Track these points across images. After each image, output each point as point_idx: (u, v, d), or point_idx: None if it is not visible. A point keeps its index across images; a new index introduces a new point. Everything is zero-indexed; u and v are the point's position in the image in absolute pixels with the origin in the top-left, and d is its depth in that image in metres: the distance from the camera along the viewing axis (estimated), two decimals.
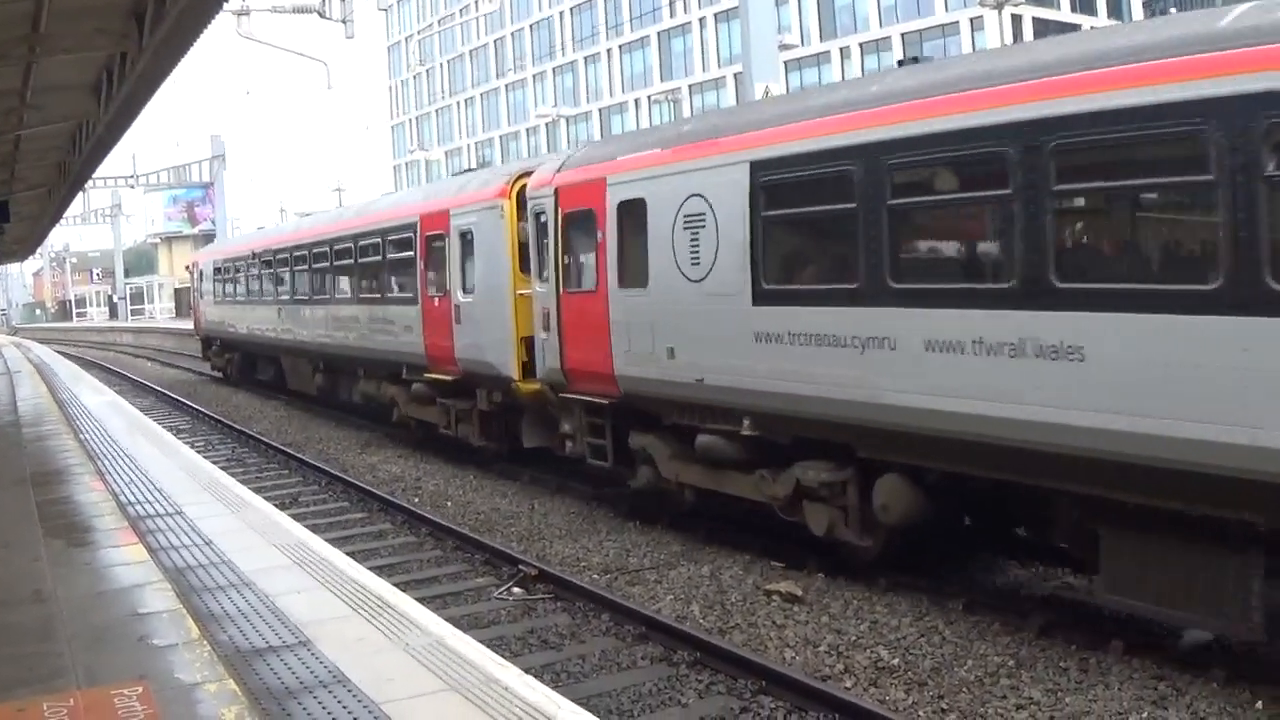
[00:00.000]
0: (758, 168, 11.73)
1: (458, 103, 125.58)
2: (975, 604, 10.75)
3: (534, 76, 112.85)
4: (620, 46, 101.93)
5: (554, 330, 15.32)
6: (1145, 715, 8.37)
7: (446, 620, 8.44)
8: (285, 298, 28.18)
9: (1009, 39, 70.29)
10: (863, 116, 10.56)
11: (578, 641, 10.47)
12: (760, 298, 11.77)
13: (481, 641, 8.11)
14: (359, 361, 23.20)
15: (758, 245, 11.77)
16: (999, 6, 55.51)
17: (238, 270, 33.06)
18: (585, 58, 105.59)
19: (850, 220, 10.70)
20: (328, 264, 24.70)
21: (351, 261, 23.13)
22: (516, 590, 12.06)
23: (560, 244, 15.09)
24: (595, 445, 15.10)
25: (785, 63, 75.16)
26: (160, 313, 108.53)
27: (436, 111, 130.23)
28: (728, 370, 12.23)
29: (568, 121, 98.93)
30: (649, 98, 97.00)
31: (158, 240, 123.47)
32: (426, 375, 19.41)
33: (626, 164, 13.83)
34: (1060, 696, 8.74)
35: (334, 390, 26.35)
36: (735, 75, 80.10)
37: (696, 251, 12.56)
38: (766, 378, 11.74)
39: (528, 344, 16.66)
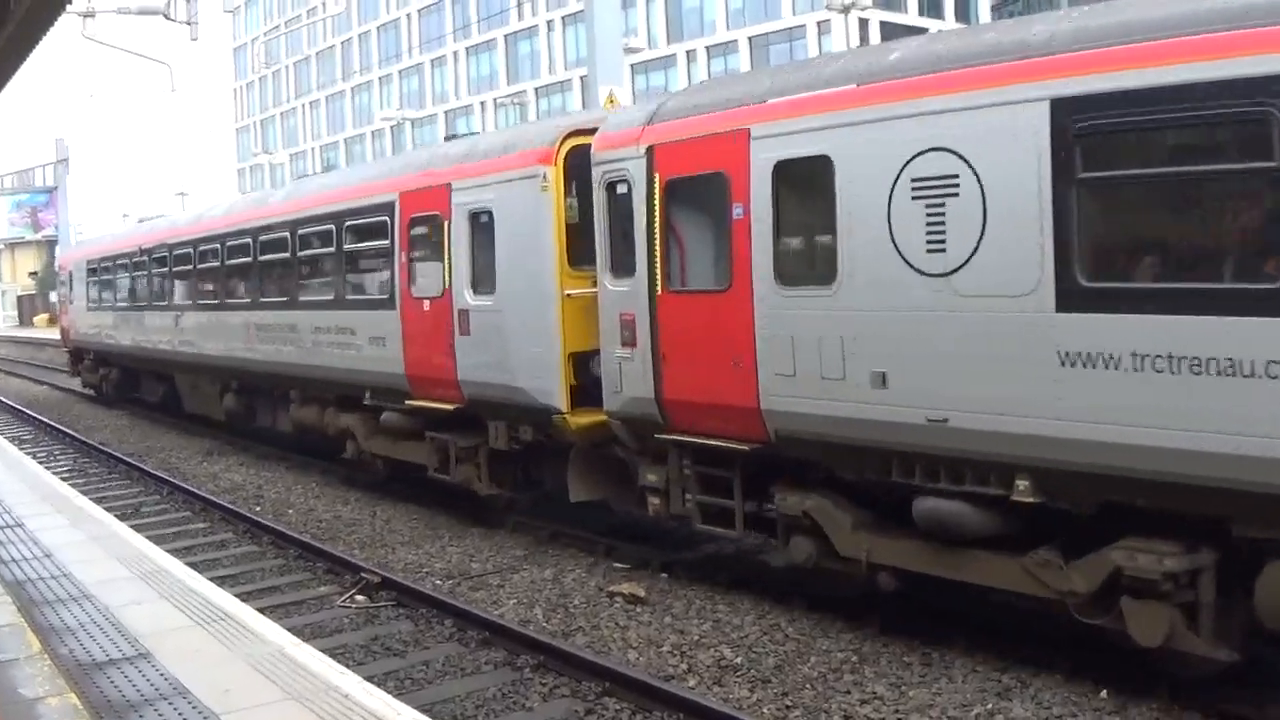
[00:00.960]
0: (1067, 108, 7.80)
1: (303, 105, 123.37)
2: (818, 601, 10.69)
3: (380, 79, 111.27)
4: (467, 49, 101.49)
5: (643, 345, 11.08)
6: (990, 707, 8.46)
7: (289, 630, 8.90)
8: (185, 303, 22.76)
9: (855, 43, 70.31)
10: None
11: (421, 648, 10.34)
12: (1071, 300, 7.86)
13: (324, 650, 8.70)
14: (294, 382, 18.30)
15: (1068, 223, 7.86)
16: (846, 10, 55.58)
17: (120, 270, 27.22)
18: (432, 60, 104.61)
19: (1269, 183, 6.94)
20: (249, 259, 19.61)
21: (286, 256, 18.18)
22: (359, 598, 11.81)
23: (658, 224, 10.86)
24: (711, 506, 10.93)
25: (631, 66, 76.80)
26: (3, 321, 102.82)
27: (282, 115, 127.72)
28: (997, 405, 8.30)
29: (412, 124, 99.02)
30: (494, 100, 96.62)
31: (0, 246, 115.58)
32: (409, 402, 14.78)
33: (788, 108, 9.69)
34: (904, 691, 8.84)
35: (249, 416, 21.30)
36: (581, 78, 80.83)
37: (938, 232, 8.57)
38: (1074, 419, 7.86)
39: (577, 362, 12.37)
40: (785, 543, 10.41)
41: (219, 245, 20.90)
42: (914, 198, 8.72)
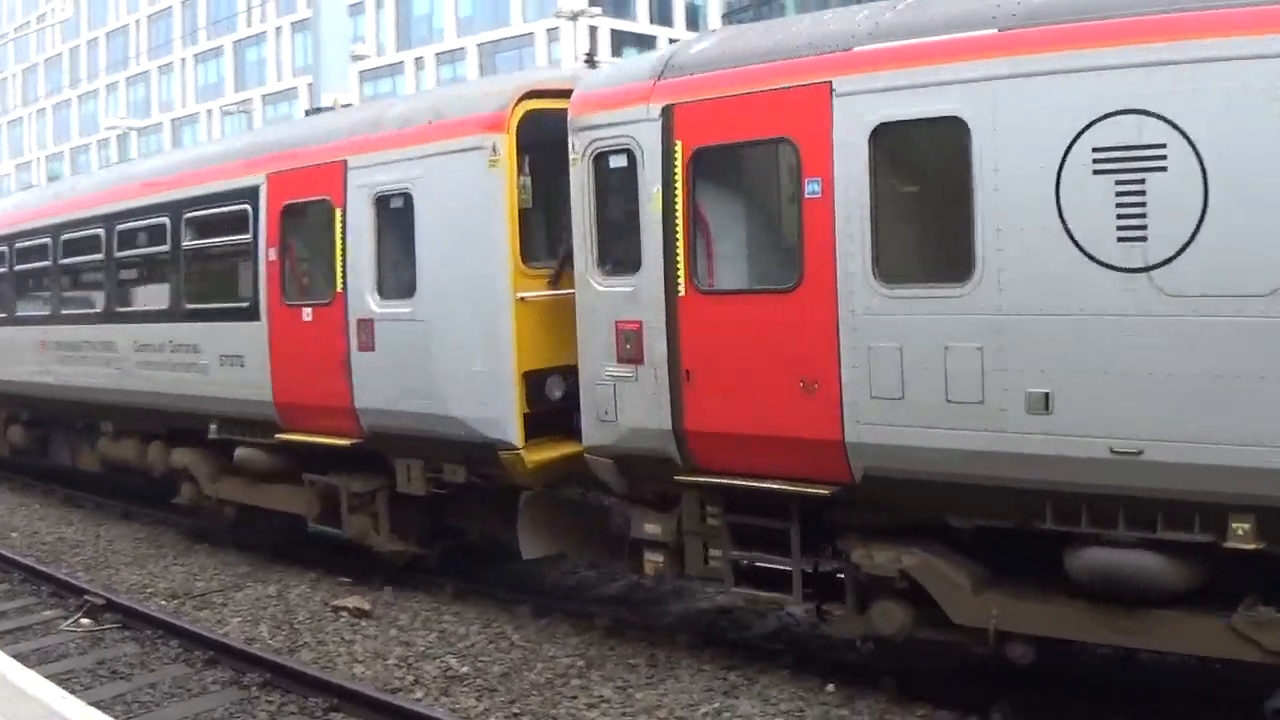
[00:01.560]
0: None
1: (30, 114, 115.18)
2: (542, 608, 10.74)
3: (106, 87, 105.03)
4: (195, 56, 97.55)
5: (654, 362, 8.69)
6: (717, 705, 8.56)
7: (15, 656, 9.19)
8: None
9: (584, 49, 70.98)
10: None
11: (147, 670, 10.00)
12: None
13: (51, 676, 8.86)
14: (107, 411, 14.57)
15: None
16: (574, 17, 55.11)
17: None
18: (159, 67, 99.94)
19: None
20: (45, 263, 15.60)
21: (99, 258, 14.38)
22: (85, 621, 11.29)
23: (681, 206, 8.50)
24: (747, 565, 8.69)
25: (360, 73, 74.88)
26: None
27: (9, 123, 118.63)
28: (1216, 433, 6.49)
29: (138, 134, 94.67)
30: (221, 109, 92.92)
31: None
32: (279, 436, 11.69)
33: (895, 56, 7.56)
34: (631, 693, 8.89)
35: (41, 450, 17.16)
36: (309, 85, 78.17)
37: (1135, 216, 6.67)
38: None
39: (531, 384, 9.83)
40: (857, 609, 8.29)
41: (4, 248, 16.71)
42: (1095, 173, 6.79)
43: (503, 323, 9.77)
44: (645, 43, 68.41)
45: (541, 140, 9.77)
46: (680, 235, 8.49)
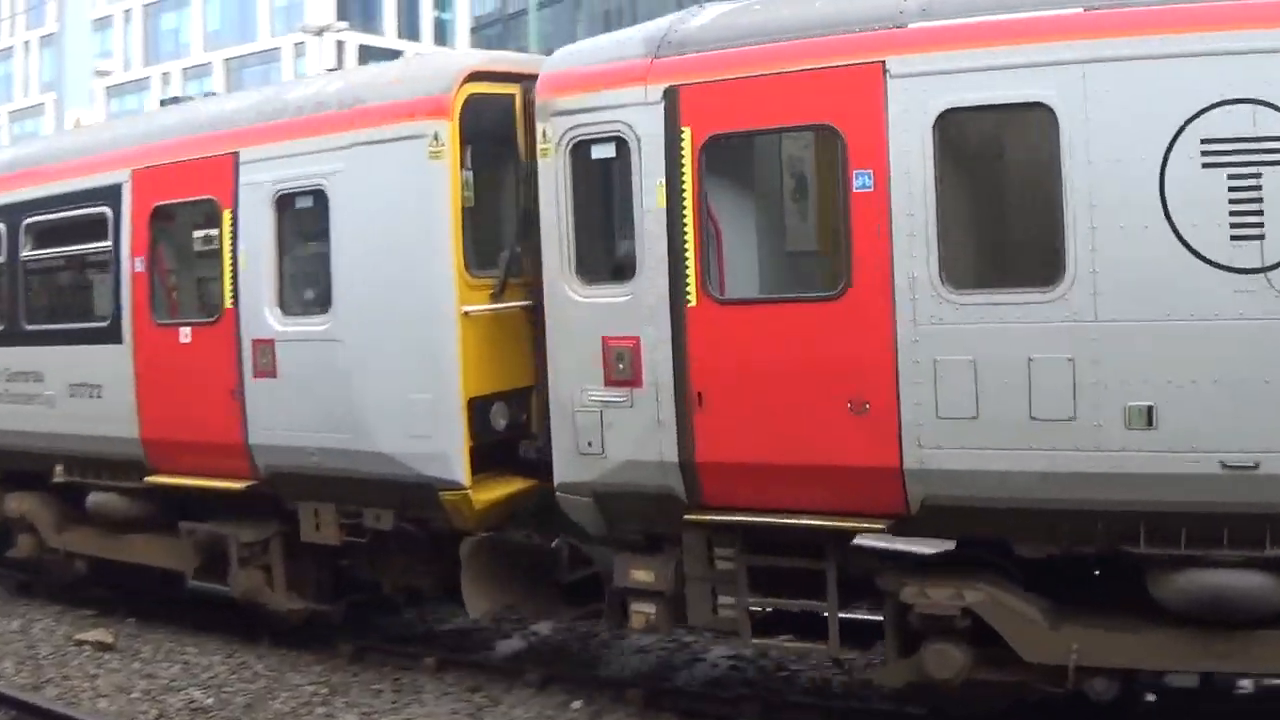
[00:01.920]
0: None
1: None
2: (283, 636, 10.40)
3: None
4: None
5: (655, 384, 7.57)
6: None
7: None
8: None
9: (331, 63, 69.50)
10: None
11: None
12: None
13: None
14: None
15: None
16: (320, 33, 54.45)
17: None
18: None
19: None
20: None
21: None
22: None
23: (690, 202, 7.42)
24: (768, 610, 7.71)
25: (107, 89, 72.92)
26: None
27: None
28: None
29: None
30: None
31: None
32: (148, 479, 9.78)
33: (963, 35, 6.75)
34: (376, 719, 8.85)
35: None
36: (54, 101, 74.32)
37: (1250, 212, 6.13)
38: None
39: (475, 413, 8.51)
40: (901, 653, 7.44)
41: None
42: (1204, 165, 6.21)
43: (446, 341, 8.40)
44: (393, 58, 66.67)
45: (480, 130, 8.51)
46: (689, 236, 7.43)
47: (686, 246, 7.45)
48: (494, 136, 8.61)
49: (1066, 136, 6.46)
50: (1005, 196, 7.22)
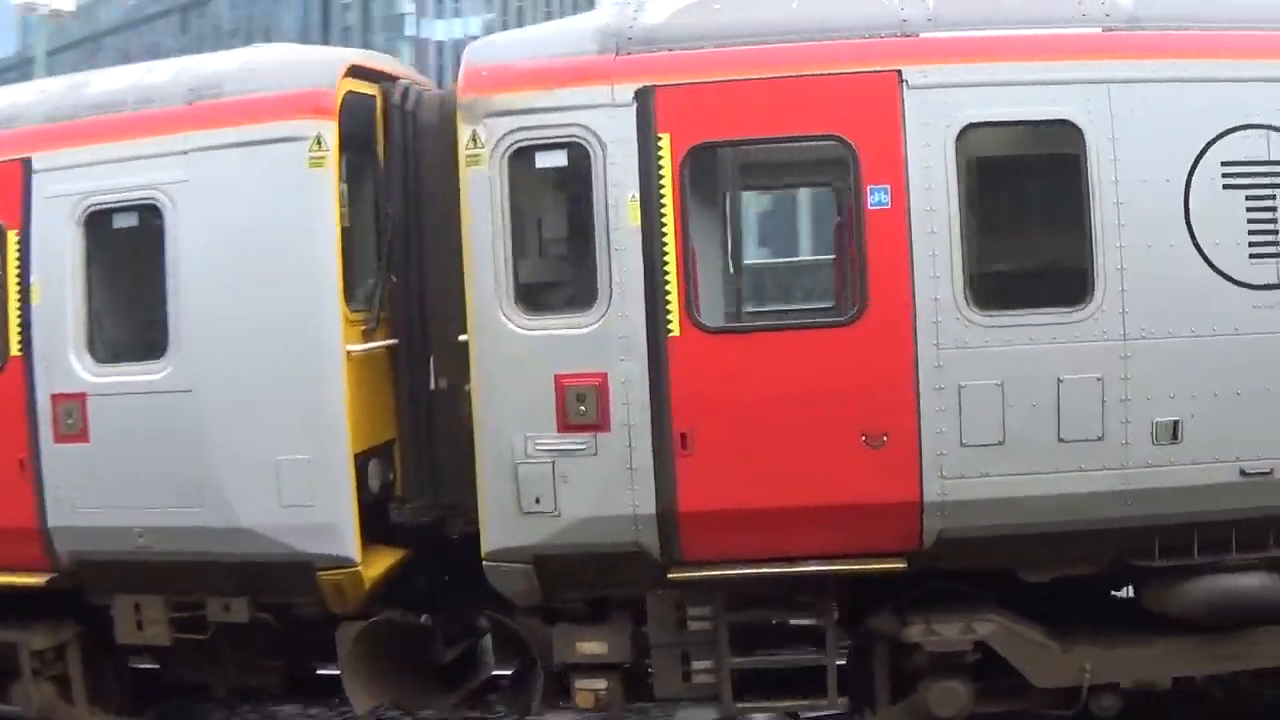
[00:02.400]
0: None
1: None
2: None
3: None
4: None
5: (627, 426, 6.60)
6: None
7: None
8: None
9: None
10: None
11: None
12: None
13: None
14: None
15: None
16: None
17: None
18: None
19: None
20: None
21: None
22: None
23: (672, 219, 6.53)
24: (756, 667, 6.99)
25: None
26: None
27: None
28: None
29: None
30: None
31: None
32: None
33: (974, 47, 6.40)
34: None
35: None
36: None
37: (1267, 232, 6.37)
38: None
39: (359, 471, 7.07)
40: (894, 699, 7.00)
41: None
42: (1226, 186, 6.35)
43: (330, 388, 6.90)
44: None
45: (349, 135, 7.12)
46: (671, 258, 6.55)
47: (667, 269, 6.56)
48: (358, 144, 7.24)
49: (1092, 153, 6.36)
50: (1029, 212, 7.01)
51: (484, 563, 6.91)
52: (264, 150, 6.85)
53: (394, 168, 7.28)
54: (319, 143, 6.81)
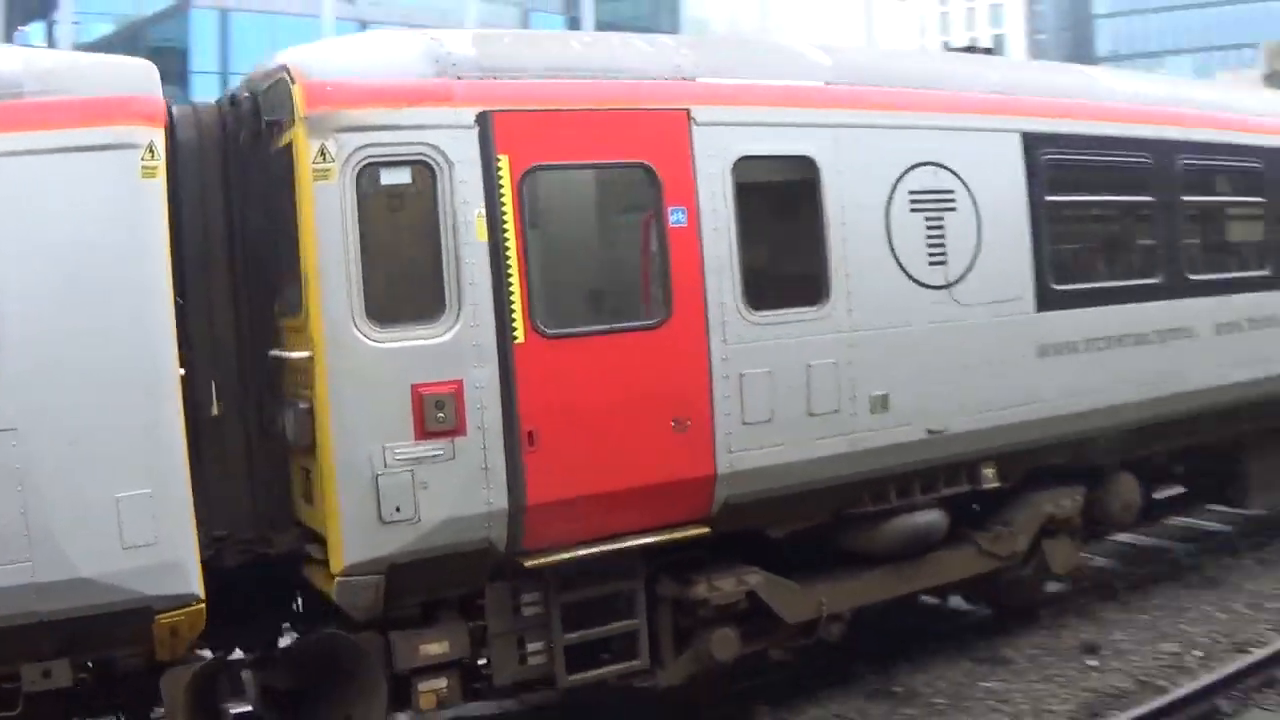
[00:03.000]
0: None
1: None
2: None
3: None
4: None
5: (481, 429, 7.02)
6: None
7: None
8: None
9: None
10: None
11: None
12: None
13: None
14: None
15: None
16: None
17: None
18: None
19: None
20: None
21: None
22: None
23: (513, 234, 7.05)
24: (581, 643, 7.63)
25: None
26: None
27: None
28: (988, 405, 8.80)
29: None
30: None
31: None
32: None
33: (738, 94, 7.70)
34: None
35: None
36: None
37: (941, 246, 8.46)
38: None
39: None
40: (681, 651, 8.04)
41: None
42: (912, 209, 8.36)
43: (167, 413, 6.47)
44: None
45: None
46: (514, 270, 7.09)
47: (511, 282, 7.08)
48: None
49: (826, 184, 8.01)
50: (786, 231, 8.33)
51: (337, 579, 6.88)
52: (85, 158, 6.20)
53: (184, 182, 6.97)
54: (151, 151, 6.37)
